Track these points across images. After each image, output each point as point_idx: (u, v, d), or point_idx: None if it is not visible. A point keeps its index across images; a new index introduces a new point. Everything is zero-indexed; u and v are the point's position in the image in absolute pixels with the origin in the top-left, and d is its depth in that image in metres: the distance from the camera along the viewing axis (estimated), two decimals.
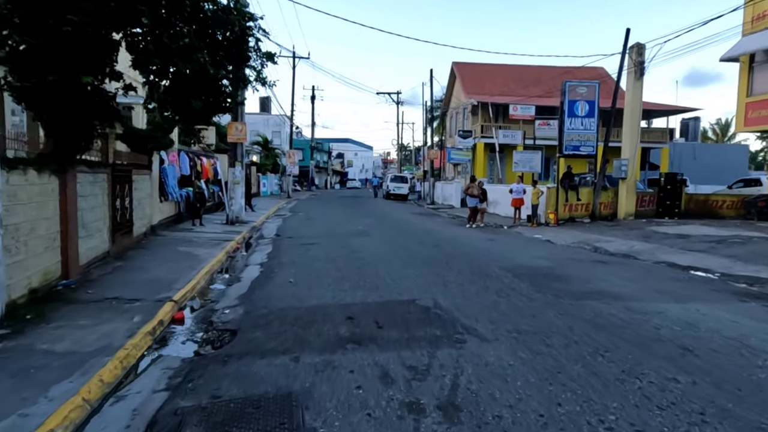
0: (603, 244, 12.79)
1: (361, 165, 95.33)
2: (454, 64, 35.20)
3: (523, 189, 18.14)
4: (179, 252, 10.16)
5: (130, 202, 10.46)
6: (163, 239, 11.72)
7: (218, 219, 16.88)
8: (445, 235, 14.29)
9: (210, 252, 10.29)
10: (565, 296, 6.44)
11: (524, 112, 23.06)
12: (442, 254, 10.26)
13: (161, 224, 13.40)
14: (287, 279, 7.67)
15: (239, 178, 16.57)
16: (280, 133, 52.31)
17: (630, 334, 4.87)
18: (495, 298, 6.26)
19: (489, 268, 8.64)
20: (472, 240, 12.97)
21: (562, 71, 34.13)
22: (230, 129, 16.08)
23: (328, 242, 12.10)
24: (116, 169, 9.50)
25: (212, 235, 13.11)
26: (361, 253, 10.32)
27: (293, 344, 4.50)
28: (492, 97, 29.19)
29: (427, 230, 15.52)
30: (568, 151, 17.62)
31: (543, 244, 12.88)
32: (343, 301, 6.19)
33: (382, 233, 14.28)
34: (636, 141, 17.72)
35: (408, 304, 5.98)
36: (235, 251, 11.30)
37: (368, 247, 11.33)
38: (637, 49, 17.25)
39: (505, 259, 9.80)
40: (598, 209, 17.92)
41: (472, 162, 30.48)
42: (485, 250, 11.09)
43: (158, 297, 6.44)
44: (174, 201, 14.83)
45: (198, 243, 11.48)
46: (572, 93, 17.39)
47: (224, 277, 8.52)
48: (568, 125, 17.47)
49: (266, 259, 9.97)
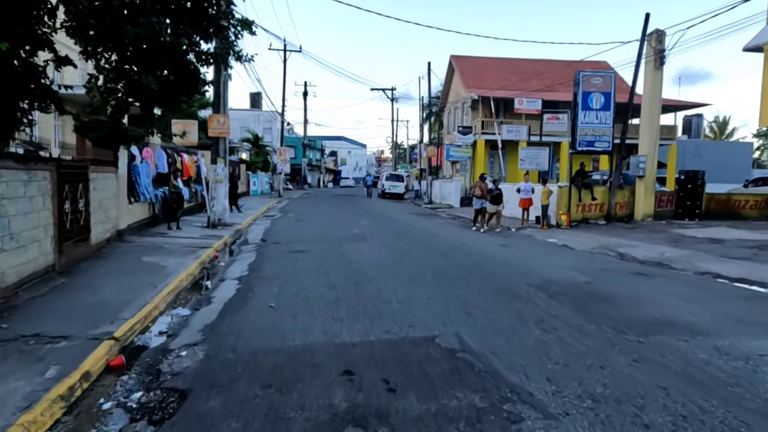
0: (628, 250, 11.38)
1: (355, 163, 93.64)
2: (452, 57, 33.72)
3: (532, 188, 16.70)
4: (143, 263, 8.59)
5: (86, 205, 8.87)
6: (129, 247, 10.14)
7: (199, 221, 15.29)
8: (451, 239, 12.80)
9: (181, 263, 8.73)
10: (626, 329, 4.98)
11: (530, 106, 21.62)
12: (454, 265, 8.77)
13: (131, 228, 11.81)
14: (268, 302, 6.15)
15: (222, 176, 14.98)
16: (272, 129, 50.60)
17: (751, 399, 3.41)
18: (538, 334, 4.77)
19: (514, 284, 7.16)
20: (482, 246, 11.50)
21: (563, 64, 32.80)
22: (211, 122, 14.48)
23: (320, 249, 10.58)
24: (64, 165, 7.91)
25: (188, 240, 11.54)
26: (358, 263, 8.81)
27: (264, 427, 2.99)
28: (493, 91, 27.73)
29: (429, 234, 14.02)
30: (582, 147, 16.19)
31: (562, 251, 11.44)
32: (338, 338, 4.68)
33: (380, 237, 12.77)
34: (655, 136, 16.34)
35: (426, 344, 4.48)
36: (212, 261, 9.75)
37: (366, 255, 9.82)
38: (656, 36, 15.85)
39: (529, 271, 8.33)
40: (614, 210, 16.52)
41: (472, 159, 29.03)
42: (502, 259, 9.62)
43: (95, 332, 4.90)
44: (148, 202, 13.23)
45: (169, 251, 9.91)
46: (586, 84, 15.95)
47: (191, 297, 6.97)
48: (582, 119, 16.04)
49: (246, 271, 8.43)
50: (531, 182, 16.98)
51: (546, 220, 16.35)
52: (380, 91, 51.91)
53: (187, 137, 16.56)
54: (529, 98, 22.09)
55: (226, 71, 14.69)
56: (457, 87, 32.94)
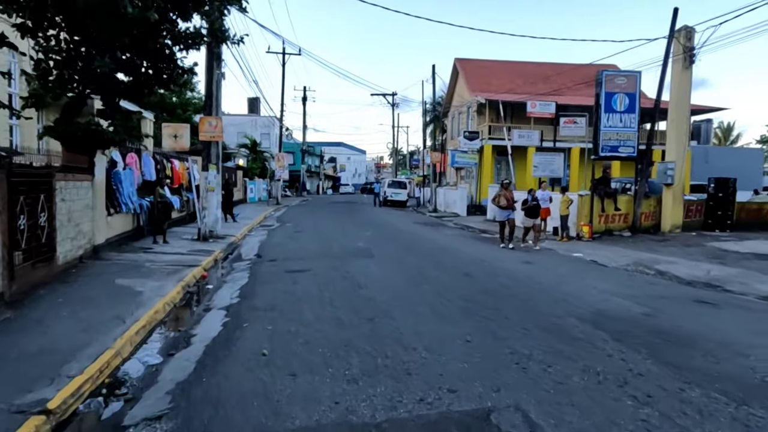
0: (667, 268, 10.13)
1: (354, 169, 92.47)
2: (456, 60, 32.60)
3: (549, 197, 15.45)
4: (116, 288, 7.28)
5: (50, 219, 7.57)
6: (104, 266, 8.83)
7: (189, 233, 14.00)
8: (467, 255, 11.52)
9: (160, 286, 7.43)
10: (744, 396, 3.68)
11: (543, 110, 20.44)
12: (480, 290, 7.48)
13: (110, 244, 10.51)
14: (259, 346, 4.85)
15: (214, 185, 13.71)
16: (269, 135, 49.40)
17: None
18: (631, 408, 3.46)
19: (562, 318, 5.88)
20: (504, 263, 10.21)
21: (572, 68, 31.71)
22: (202, 124, 13.23)
23: (322, 268, 9.29)
24: (19, 173, 6.62)
25: (174, 257, 10.24)
26: (367, 288, 7.51)
27: None
28: (502, 95, 26.54)
29: (441, 247, 12.74)
30: (605, 152, 14.96)
31: (594, 269, 10.17)
32: (355, 413, 3.38)
33: (388, 252, 11.48)
34: (684, 141, 15.15)
35: (479, 424, 3.19)
36: (198, 282, 8.46)
37: (375, 276, 8.53)
38: (685, 32, 14.68)
39: (569, 296, 7.06)
40: (640, 220, 15.27)
41: (479, 166, 27.81)
42: (531, 280, 8.34)
43: (24, 400, 3.62)
44: (131, 213, 11.93)
45: (149, 271, 8.61)
46: (609, 84, 14.75)
47: (167, 334, 5.67)
48: (605, 122, 14.82)
49: (237, 298, 7.12)
50: (549, 191, 15.78)
51: (566, 232, 15.10)
52: (381, 96, 50.90)
53: (179, 141, 15.24)
54: (542, 101, 20.90)
55: (219, 69, 13.48)
56: (461, 91, 31.79)
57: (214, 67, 13.18)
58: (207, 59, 13.04)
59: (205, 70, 13.12)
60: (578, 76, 30.28)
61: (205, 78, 13.15)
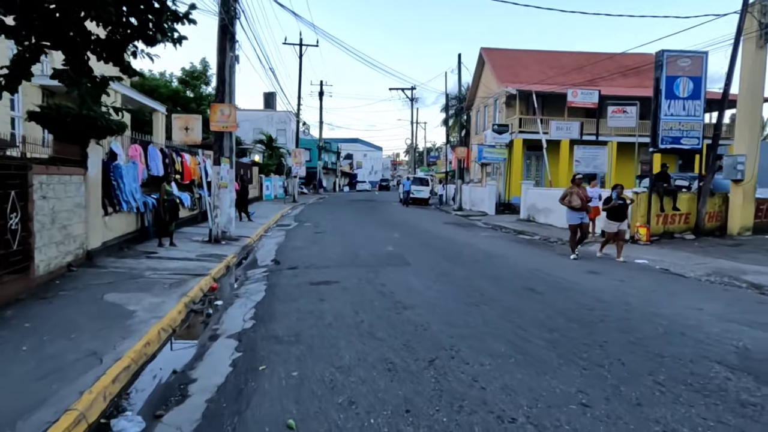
0: (760, 279, 8.44)
1: (371, 166, 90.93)
2: (482, 49, 30.81)
3: (599, 195, 13.78)
4: (103, 307, 5.89)
5: (25, 221, 6.21)
6: (95, 276, 7.46)
7: (200, 234, 12.66)
8: (517, 262, 9.93)
9: (158, 305, 6.02)
10: None
11: (585, 99, 18.64)
12: (558, 313, 5.91)
13: (108, 247, 9.18)
14: (283, 411, 3.37)
15: (227, 180, 12.33)
16: (285, 131, 48.18)
17: None
18: None
19: (693, 361, 4.30)
20: (566, 273, 8.60)
21: (606, 57, 29.65)
22: (213, 113, 11.84)
23: (352, 278, 7.81)
24: None
25: (180, 263, 8.86)
26: (414, 309, 6.00)
27: None
28: (535, 85, 24.73)
29: (484, 253, 11.15)
30: (665, 144, 13.20)
31: (673, 280, 8.52)
32: None
33: (424, 259, 9.95)
34: (757, 132, 13.33)
35: None
36: (205, 296, 7.04)
37: (418, 290, 7.01)
38: (760, 6, 12.83)
39: (676, 325, 5.45)
40: (704, 221, 13.48)
41: (508, 161, 26.08)
42: (616, 299, 6.72)
43: None
44: (134, 212, 10.60)
45: (148, 282, 7.22)
46: (671, 67, 12.97)
47: (159, 377, 4.22)
48: (666, 110, 13.05)
49: (251, 320, 5.67)
50: (599, 188, 14.09)
51: None
52: (399, 90, 49.29)
53: (190, 134, 13.86)
54: (584, 89, 19.09)
55: (232, 52, 12.07)
56: (488, 82, 30.02)
57: (227, 49, 11.77)
58: (219, 39, 11.64)
59: (216, 52, 11.73)
60: (613, 66, 28.33)
61: (217, 61, 11.75)
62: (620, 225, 10.37)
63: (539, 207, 19.37)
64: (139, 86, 25.86)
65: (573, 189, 10.46)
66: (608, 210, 10.44)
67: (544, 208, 18.91)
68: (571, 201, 10.30)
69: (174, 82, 30.95)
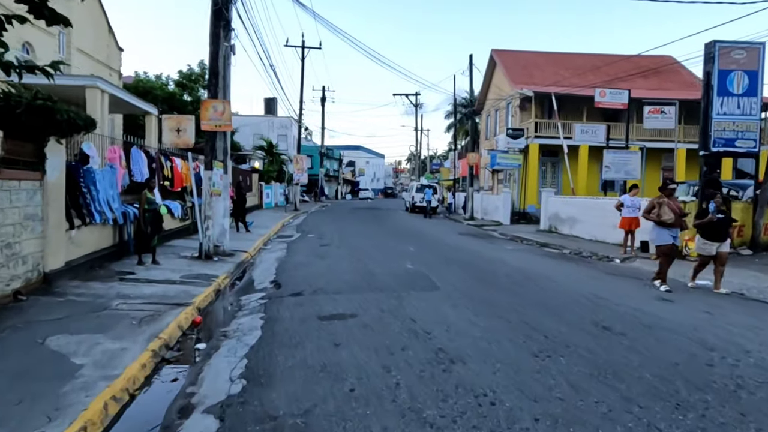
0: None
1: (373, 174, 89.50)
2: (493, 51, 29.39)
3: (639, 204, 12.24)
4: (38, 358, 4.30)
5: None
6: (46, 308, 5.87)
7: (190, 248, 11.08)
8: (569, 286, 8.32)
9: (115, 355, 4.43)
10: None
11: (614, 99, 17.09)
12: (667, 368, 4.32)
13: (75, 267, 7.61)
14: None
15: (220, 187, 10.76)
16: (287, 137, 46.78)
17: None
18: None
19: None
20: (637, 302, 6.98)
21: (623, 59, 28.27)
22: (205, 109, 10.30)
23: (370, 309, 6.22)
24: None
25: (159, 288, 7.26)
26: (464, 361, 4.40)
27: None
28: (553, 87, 23.24)
29: (521, 273, 9.55)
30: (717, 146, 11.65)
31: (762, 309, 6.90)
32: None
33: (453, 280, 8.35)
34: None
35: None
36: (184, 335, 5.45)
37: (461, 330, 5.41)
38: None
39: None
40: (761, 234, 11.89)
41: (523, 167, 24.55)
42: (732, 347, 5.09)
43: None
44: (109, 224, 9.02)
45: (113, 317, 5.62)
46: (724, 59, 11.46)
47: None
48: (718, 108, 11.52)
49: (238, 383, 4.05)
50: (639, 197, 12.53)
51: None
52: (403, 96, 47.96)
53: (182, 136, 12.29)
54: (612, 89, 17.57)
55: (227, 41, 10.55)
56: (500, 84, 28.57)
57: (221, 37, 10.26)
58: (212, 25, 10.15)
59: (209, 40, 10.22)
60: (630, 66, 26.91)
61: (210, 50, 10.24)
62: (721, 246, 7.97)
63: (563, 216, 17.80)
64: (133, 88, 24.54)
65: (662, 199, 8.11)
66: (703, 227, 8.07)
67: (568, 217, 17.35)
68: (662, 214, 7.97)
69: (170, 84, 29.55)
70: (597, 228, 15.33)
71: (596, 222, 15.38)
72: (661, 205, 8.02)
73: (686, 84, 27.61)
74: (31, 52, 16.96)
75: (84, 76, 14.61)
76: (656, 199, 8.17)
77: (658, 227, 8.11)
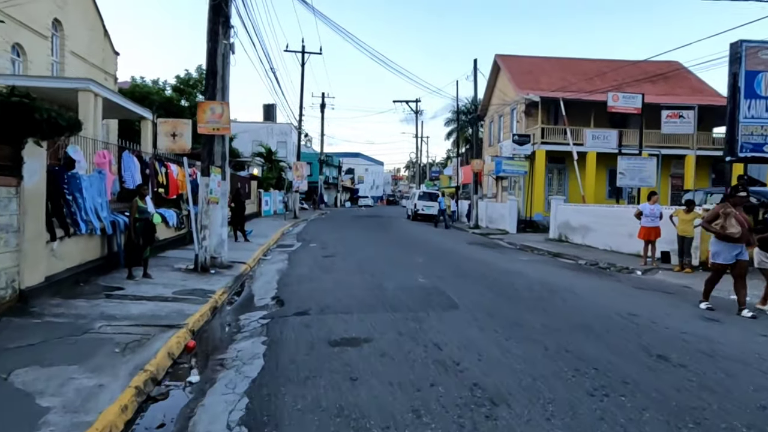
0: None
1: (372, 181, 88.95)
2: (497, 56, 28.87)
3: (660, 213, 11.63)
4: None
5: None
6: (18, 331, 5.15)
7: (185, 260, 10.35)
8: (601, 303, 7.62)
9: (90, 394, 3.72)
10: None
11: (627, 103, 16.48)
12: (756, 414, 3.61)
13: (57, 282, 6.89)
14: None
15: (218, 194, 10.08)
16: (286, 143, 46.13)
17: None
18: None
19: None
20: (684, 324, 6.28)
21: (629, 64, 27.78)
22: (201, 112, 9.63)
23: (387, 332, 5.52)
24: None
25: (149, 306, 6.54)
26: (508, 403, 3.70)
27: None
28: (558, 92, 22.69)
29: (547, 286, 8.85)
30: (745, 151, 11.04)
31: None
32: None
33: (472, 294, 7.66)
34: None
35: None
36: (174, 364, 4.73)
37: (493, 356, 4.71)
38: None
39: None
40: None
41: (529, 174, 23.93)
42: None
43: None
44: (97, 234, 8.30)
45: (93, 343, 4.90)
46: (752, 59, 10.87)
47: None
48: (746, 111, 10.92)
49: (239, 429, 3.33)
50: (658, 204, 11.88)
51: (687, 260, 11.20)
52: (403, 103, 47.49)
53: (178, 141, 11.59)
54: (625, 93, 16.98)
55: (226, 39, 9.91)
56: (504, 89, 28.03)
57: (220, 35, 9.62)
58: (210, 21, 9.50)
59: (207, 37, 9.58)
60: (637, 72, 26.48)
61: (208, 48, 9.58)
62: None
63: (574, 225, 17.13)
64: (129, 93, 23.91)
65: (729, 209, 6.92)
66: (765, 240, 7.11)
67: (580, 226, 16.68)
68: (727, 227, 6.81)
69: (168, 90, 28.92)
70: (611, 237, 14.67)
71: (610, 231, 14.72)
72: (727, 216, 6.84)
73: (696, 90, 27.11)
74: (22, 54, 16.32)
75: (76, 79, 13.96)
76: (722, 209, 7.04)
77: (719, 242, 7.00)
